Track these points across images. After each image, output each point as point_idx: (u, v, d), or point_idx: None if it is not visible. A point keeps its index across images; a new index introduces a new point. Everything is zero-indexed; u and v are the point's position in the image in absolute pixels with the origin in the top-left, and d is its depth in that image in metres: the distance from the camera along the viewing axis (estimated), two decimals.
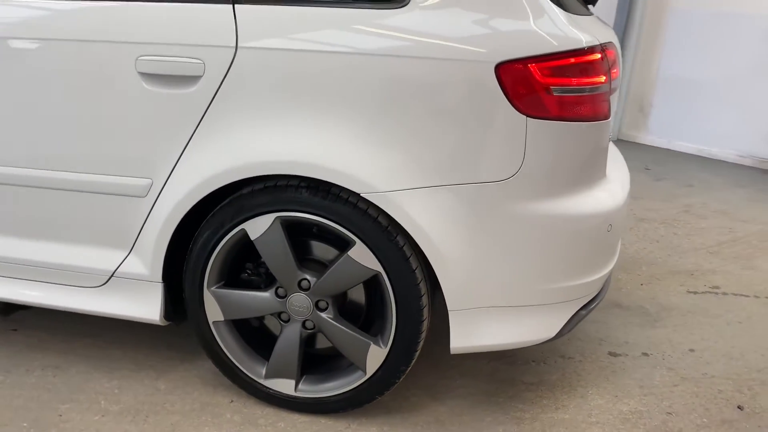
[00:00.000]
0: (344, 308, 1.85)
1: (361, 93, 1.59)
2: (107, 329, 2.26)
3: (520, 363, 2.22)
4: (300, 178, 1.68)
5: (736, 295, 2.85)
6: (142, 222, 1.81)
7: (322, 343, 1.93)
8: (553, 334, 1.80)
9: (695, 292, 2.86)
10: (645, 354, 2.33)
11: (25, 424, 1.80)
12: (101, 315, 1.92)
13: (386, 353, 1.76)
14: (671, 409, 2.02)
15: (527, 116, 1.56)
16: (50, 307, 1.95)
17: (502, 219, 1.64)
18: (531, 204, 1.63)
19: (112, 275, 1.88)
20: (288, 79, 1.61)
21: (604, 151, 1.76)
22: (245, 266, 1.87)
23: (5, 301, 1.98)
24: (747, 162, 5.14)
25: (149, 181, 1.76)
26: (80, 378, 2.01)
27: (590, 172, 1.73)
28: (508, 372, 2.17)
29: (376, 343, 1.77)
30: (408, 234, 1.65)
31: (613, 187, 1.82)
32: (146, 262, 1.85)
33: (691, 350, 2.37)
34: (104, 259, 1.88)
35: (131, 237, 1.84)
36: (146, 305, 1.89)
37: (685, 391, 2.11)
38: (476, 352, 1.79)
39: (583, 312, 1.84)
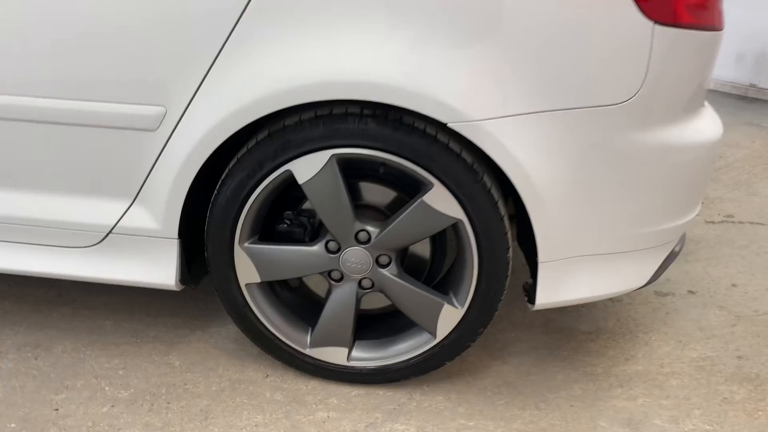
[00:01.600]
0: (404, 263, 1.56)
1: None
2: (86, 293, 1.86)
3: (571, 310, 2.01)
4: (362, 104, 1.33)
5: (752, 224, 2.75)
6: (152, 163, 1.41)
7: (368, 303, 1.63)
8: (644, 283, 1.58)
9: (713, 222, 2.74)
10: (691, 292, 2.18)
11: (12, 425, 1.42)
12: (93, 281, 1.53)
13: (462, 313, 1.49)
14: (739, 352, 1.88)
15: (654, 22, 1.27)
16: (25, 274, 1.54)
17: (613, 151, 1.36)
18: (646, 132, 1.35)
19: (109, 231, 1.48)
20: None
21: (711, 70, 1.50)
22: (283, 215, 1.52)
23: None
24: (718, 87, 5.07)
25: (162, 109, 1.35)
26: (70, 358, 1.62)
27: (701, 96, 1.47)
28: (561, 320, 1.96)
29: (450, 303, 1.48)
30: (493, 174, 1.36)
31: (713, 115, 1.58)
32: (156, 214, 1.46)
33: (734, 285, 2.24)
34: (100, 211, 1.47)
35: (136, 183, 1.44)
36: (156, 267, 1.51)
37: (745, 332, 1.97)
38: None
39: (672, 256, 1.63)
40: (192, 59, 1.31)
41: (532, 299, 1.51)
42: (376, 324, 1.63)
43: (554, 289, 1.48)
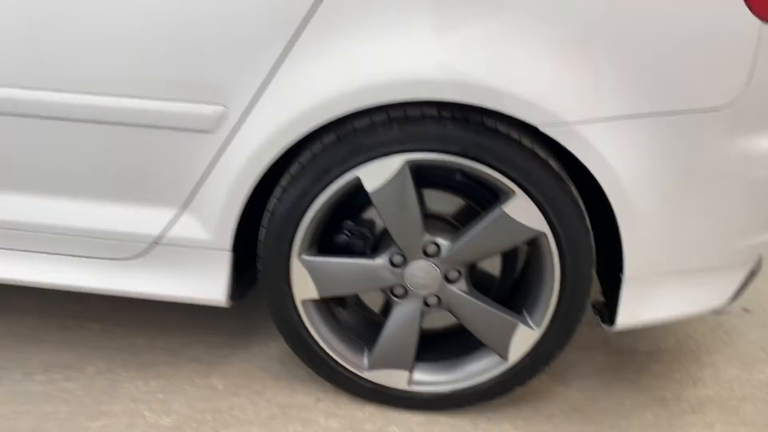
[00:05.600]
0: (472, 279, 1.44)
1: None
2: (115, 308, 1.72)
3: None
4: (439, 104, 1.22)
5: None
6: (206, 168, 1.29)
7: (430, 321, 1.51)
8: (725, 301, 1.47)
9: None
10: (746, 310, 2.08)
11: None
12: (134, 296, 1.40)
13: (539, 335, 1.37)
14: None
15: (762, 20, 1.17)
16: (60, 288, 1.41)
17: (712, 158, 1.25)
18: (748, 139, 1.25)
19: (155, 241, 1.36)
20: None
21: None
22: (342, 226, 1.40)
23: None
24: None
25: (221, 109, 1.24)
26: (104, 380, 1.48)
27: None
28: (620, 340, 1.84)
29: (525, 323, 1.37)
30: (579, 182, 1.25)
31: None
32: (208, 224, 1.33)
33: None
34: (144, 220, 1.34)
35: (186, 190, 1.31)
36: (204, 281, 1.38)
37: None
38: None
39: (752, 275, 1.53)
40: (257, 55, 1.19)
41: (609, 319, 1.40)
42: (438, 344, 1.50)
43: (637, 308, 1.37)
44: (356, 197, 1.34)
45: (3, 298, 1.73)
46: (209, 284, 1.38)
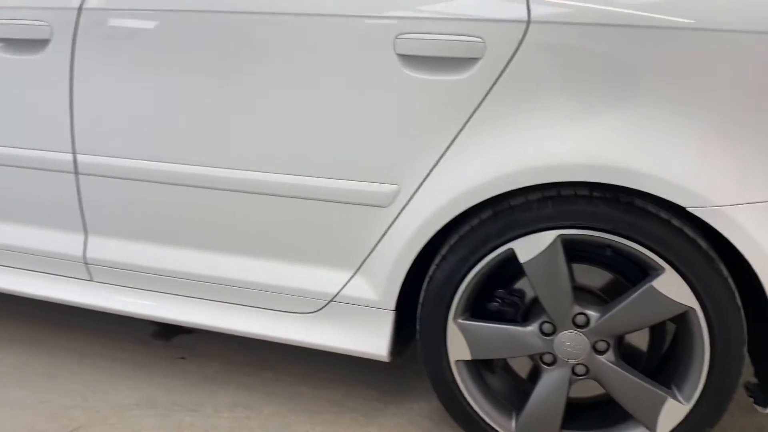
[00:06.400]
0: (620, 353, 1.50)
1: (708, 81, 1.24)
2: (284, 359, 1.95)
3: None
4: (591, 185, 1.35)
5: None
6: (378, 237, 1.49)
7: (575, 391, 1.57)
8: None
9: None
10: None
11: None
12: (309, 346, 1.61)
13: (688, 410, 1.39)
14: None
15: None
16: (250, 336, 1.65)
17: None
18: None
19: (331, 299, 1.57)
20: (591, 60, 1.27)
21: None
22: (494, 294, 1.54)
23: (200, 327, 1.69)
24: None
25: (395, 187, 1.45)
26: (277, 422, 1.68)
27: None
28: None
29: (675, 398, 1.40)
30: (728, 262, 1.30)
31: None
32: (377, 286, 1.53)
33: None
34: (324, 279, 1.56)
35: (361, 254, 1.52)
36: (370, 337, 1.56)
37: None
38: None
39: None
40: (428, 145, 1.40)
41: (763, 402, 1.39)
42: (584, 415, 1.56)
43: None
44: (507, 267, 1.48)
45: (193, 346, 2.03)
46: (374, 340, 1.56)
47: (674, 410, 1.40)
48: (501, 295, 1.53)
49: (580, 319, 1.42)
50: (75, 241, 1.74)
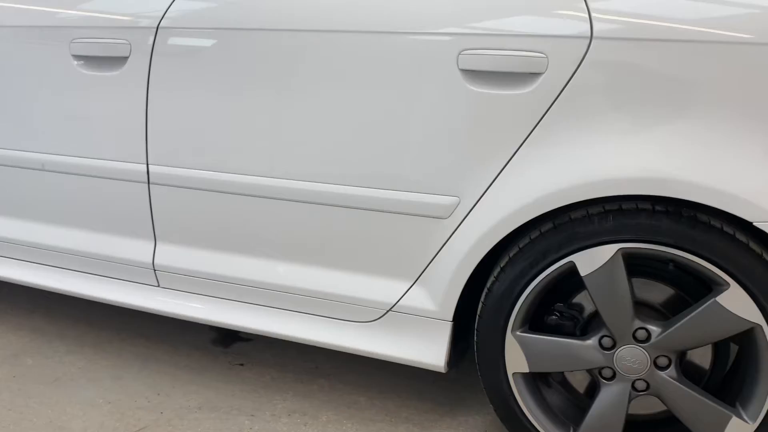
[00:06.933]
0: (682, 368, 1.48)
1: None
2: (339, 368, 1.99)
3: None
4: (653, 199, 1.35)
5: None
6: (438, 248, 1.52)
7: (634, 407, 1.56)
8: None
9: None
10: None
11: None
12: (367, 355, 1.64)
13: (753, 430, 1.36)
14: None
15: None
16: (309, 343, 1.69)
17: None
18: None
19: (390, 309, 1.60)
20: (654, 74, 1.28)
21: None
22: (552, 307, 1.54)
23: (261, 333, 1.74)
24: None
25: (455, 199, 1.47)
26: (334, 429, 1.71)
27: None
28: None
29: (739, 416, 1.37)
30: None
31: None
32: (435, 296, 1.55)
33: None
34: (383, 289, 1.60)
35: (420, 265, 1.55)
36: (427, 347, 1.58)
37: None
38: None
39: None
40: (491, 156, 1.42)
41: None
42: None
43: None
44: (565, 281, 1.48)
45: (250, 354, 2.08)
46: (431, 350, 1.58)
47: (739, 429, 1.37)
48: (559, 309, 1.53)
49: (641, 334, 1.42)
50: (144, 247, 1.82)
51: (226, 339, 2.17)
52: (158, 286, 1.84)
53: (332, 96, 1.52)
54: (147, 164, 1.73)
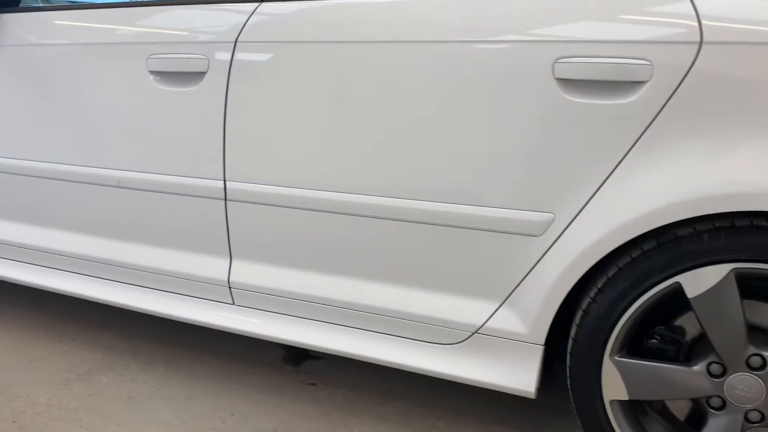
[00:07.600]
0: None
1: None
2: (413, 390, 1.92)
3: None
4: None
5: None
6: (529, 268, 1.44)
7: None
8: None
9: None
10: None
11: None
12: (451, 379, 1.56)
13: None
14: None
15: None
16: (388, 365, 1.62)
17: None
18: None
19: (476, 331, 1.53)
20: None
21: None
22: (653, 330, 1.45)
23: (339, 354, 1.68)
24: None
25: (550, 216, 1.40)
26: None
27: None
28: None
29: None
30: None
31: None
32: (525, 318, 1.47)
33: None
34: (468, 310, 1.53)
35: (509, 285, 1.48)
36: (516, 372, 1.50)
37: None
38: None
39: None
40: (589, 170, 1.34)
41: None
42: None
43: None
44: (666, 302, 1.38)
45: (322, 373, 2.03)
46: (521, 375, 1.50)
47: None
48: (660, 332, 1.43)
49: (755, 361, 1.31)
50: (220, 265, 1.80)
51: (296, 357, 2.13)
52: (233, 303, 1.82)
53: (422, 109, 1.46)
54: (224, 180, 1.70)
